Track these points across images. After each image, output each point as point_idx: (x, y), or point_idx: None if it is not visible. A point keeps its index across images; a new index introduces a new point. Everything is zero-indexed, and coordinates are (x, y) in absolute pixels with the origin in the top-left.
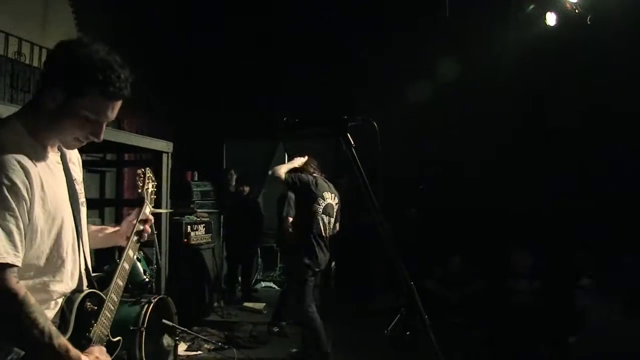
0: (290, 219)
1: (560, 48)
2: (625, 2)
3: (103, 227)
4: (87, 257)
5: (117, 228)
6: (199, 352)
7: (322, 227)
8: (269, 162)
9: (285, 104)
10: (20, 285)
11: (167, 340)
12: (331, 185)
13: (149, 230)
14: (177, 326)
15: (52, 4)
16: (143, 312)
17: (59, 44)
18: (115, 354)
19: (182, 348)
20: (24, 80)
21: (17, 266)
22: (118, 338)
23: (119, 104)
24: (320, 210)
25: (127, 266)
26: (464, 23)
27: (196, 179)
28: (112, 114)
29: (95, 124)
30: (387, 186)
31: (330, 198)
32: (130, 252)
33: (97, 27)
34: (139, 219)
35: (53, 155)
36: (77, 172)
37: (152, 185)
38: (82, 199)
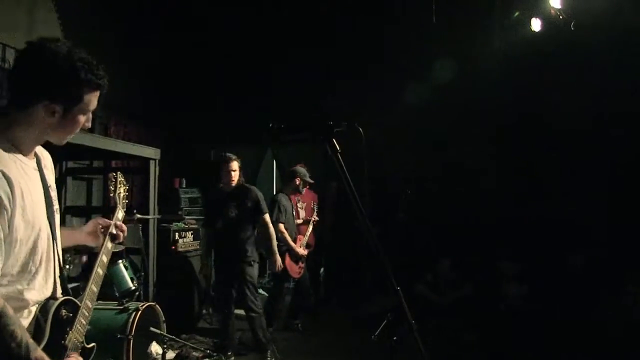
0: (282, 224)
1: (545, 53)
2: (608, 8)
3: (68, 230)
4: (60, 264)
5: (81, 227)
6: None
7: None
8: (257, 168)
9: (273, 109)
10: None
11: (155, 348)
12: None
13: (121, 236)
14: (165, 334)
15: (37, 10)
16: (130, 319)
17: (27, 55)
18: None
19: (170, 356)
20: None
21: None
22: (92, 344)
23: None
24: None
25: (101, 272)
26: (451, 29)
27: (184, 185)
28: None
29: (88, 115)
30: (376, 191)
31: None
32: (104, 258)
33: (82, 34)
34: (113, 224)
35: (30, 162)
36: (51, 177)
37: (124, 189)
38: (56, 205)
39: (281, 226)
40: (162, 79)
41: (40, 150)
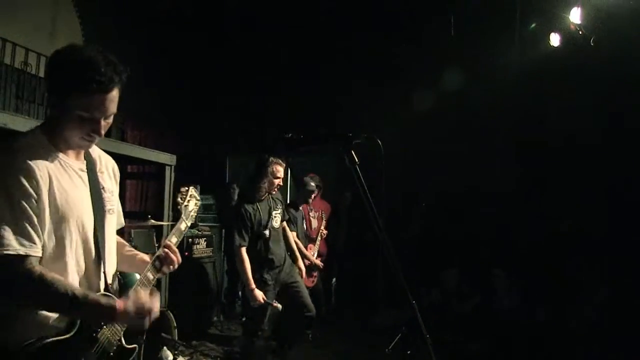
0: (293, 233)
1: (563, 69)
2: (629, 24)
3: (136, 252)
4: (106, 263)
5: (146, 258)
6: None
7: None
8: None
9: (289, 119)
10: (33, 267)
11: (166, 353)
12: None
13: (172, 257)
14: (176, 340)
15: (60, 15)
16: None
17: (53, 54)
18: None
19: None
20: (29, 90)
21: (32, 256)
22: (133, 345)
23: (109, 98)
24: None
25: (151, 276)
26: (468, 42)
27: (198, 192)
28: (106, 109)
29: (91, 121)
30: (390, 203)
31: None
32: (150, 275)
33: (103, 39)
34: (162, 245)
35: (76, 163)
36: (107, 181)
37: (195, 203)
38: (108, 206)
39: (293, 235)
40: (180, 86)
41: (100, 155)
